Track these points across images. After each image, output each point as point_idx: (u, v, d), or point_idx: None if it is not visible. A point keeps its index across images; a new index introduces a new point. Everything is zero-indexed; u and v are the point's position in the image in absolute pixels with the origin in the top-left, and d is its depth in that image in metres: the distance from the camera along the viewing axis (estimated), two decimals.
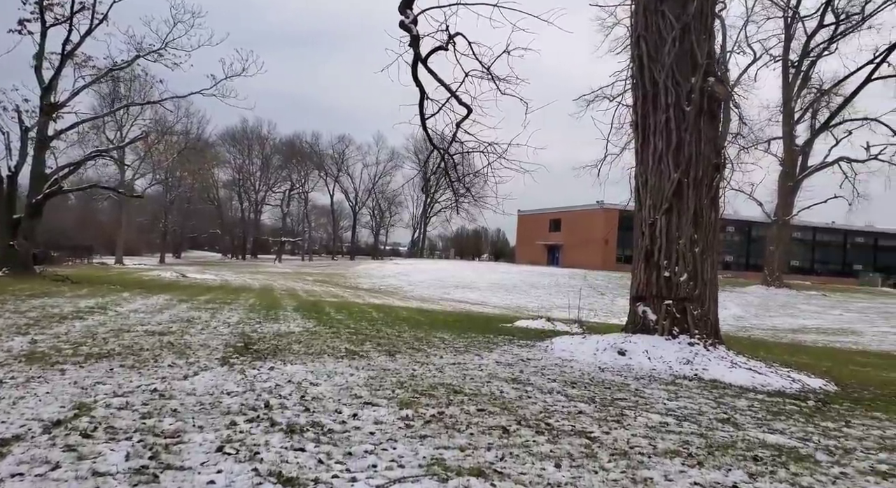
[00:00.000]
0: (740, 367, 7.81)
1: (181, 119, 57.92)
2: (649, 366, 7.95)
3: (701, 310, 8.97)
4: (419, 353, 8.29)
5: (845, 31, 42.79)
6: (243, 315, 12.55)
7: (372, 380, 6.20)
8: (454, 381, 6.40)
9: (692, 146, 9.12)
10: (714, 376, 7.42)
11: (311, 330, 10.48)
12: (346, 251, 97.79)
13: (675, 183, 9.10)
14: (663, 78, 9.26)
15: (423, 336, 10.43)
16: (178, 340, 8.29)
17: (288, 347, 8.30)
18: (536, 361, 8.15)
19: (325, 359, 7.49)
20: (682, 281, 8.96)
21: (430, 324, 13.12)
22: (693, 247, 9.07)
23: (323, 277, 44.65)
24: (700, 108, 9.15)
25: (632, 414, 5.33)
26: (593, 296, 39.06)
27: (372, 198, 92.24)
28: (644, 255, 9.33)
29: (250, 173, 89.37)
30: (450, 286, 40.42)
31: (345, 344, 8.92)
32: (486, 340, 10.25)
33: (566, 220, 65.55)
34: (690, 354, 8.23)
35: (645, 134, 9.57)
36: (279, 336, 9.44)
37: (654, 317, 9.04)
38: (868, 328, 24.21)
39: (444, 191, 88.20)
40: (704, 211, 9.19)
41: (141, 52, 23.14)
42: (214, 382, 5.73)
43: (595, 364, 8.07)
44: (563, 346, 9.18)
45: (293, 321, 11.86)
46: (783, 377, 7.60)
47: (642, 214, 9.50)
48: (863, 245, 70.60)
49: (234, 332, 9.53)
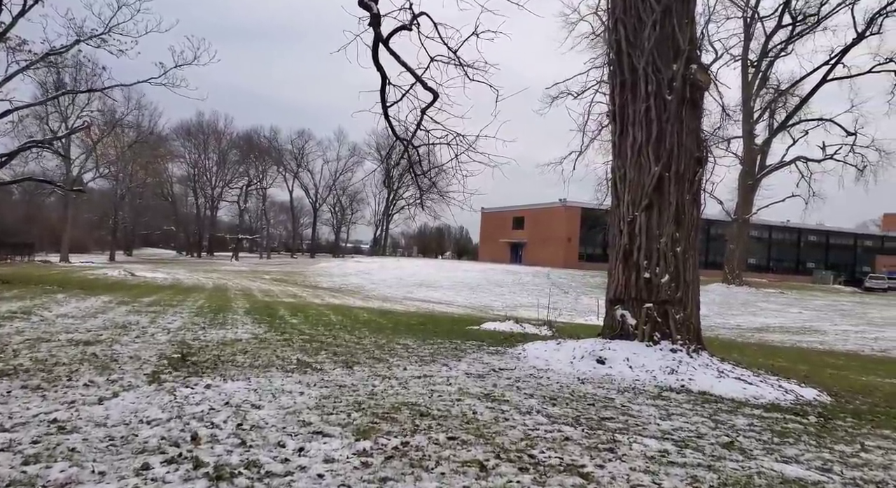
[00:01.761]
0: (728, 377, 7.24)
1: (132, 111, 55.28)
2: (631, 376, 7.30)
3: (683, 313, 8.39)
4: (380, 364, 7.47)
5: (802, 31, 43.56)
6: (188, 319, 11.50)
7: (325, 401, 5.36)
8: (420, 399, 5.61)
9: (674, 137, 8.53)
10: (702, 387, 6.81)
11: (261, 336, 9.54)
12: (307, 249, 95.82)
13: (655, 177, 8.49)
14: (643, 64, 8.64)
15: (385, 342, 9.60)
16: (104, 351, 7.27)
17: (231, 358, 7.37)
18: (510, 371, 7.42)
19: (272, 372, 6.60)
20: (663, 282, 8.36)
21: (392, 329, 12.29)
22: (675, 246, 8.48)
23: (281, 276, 43.22)
24: (682, 97, 8.56)
25: (624, 439, 4.63)
26: (557, 295, 38.73)
27: (333, 194, 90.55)
28: (622, 255, 8.70)
29: (206, 168, 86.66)
30: (412, 285, 39.58)
31: (297, 353, 8.03)
32: (454, 347, 9.49)
33: (529, 218, 65.40)
34: (674, 362, 7.63)
35: (623, 124, 8.94)
36: (223, 344, 8.48)
37: (634, 322, 8.42)
38: (829, 326, 24.39)
39: (407, 187, 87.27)
40: (686, 207, 8.61)
41: (82, 36, 21.55)
42: (135, 406, 4.80)
43: (573, 374, 7.38)
44: (536, 354, 8.48)
45: (242, 326, 10.87)
46: (774, 387, 7.05)
47: (620, 211, 8.87)
48: (815, 243, 72.56)
49: (172, 340, 8.53)
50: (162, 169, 73.82)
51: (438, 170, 10.32)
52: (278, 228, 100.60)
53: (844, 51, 42.04)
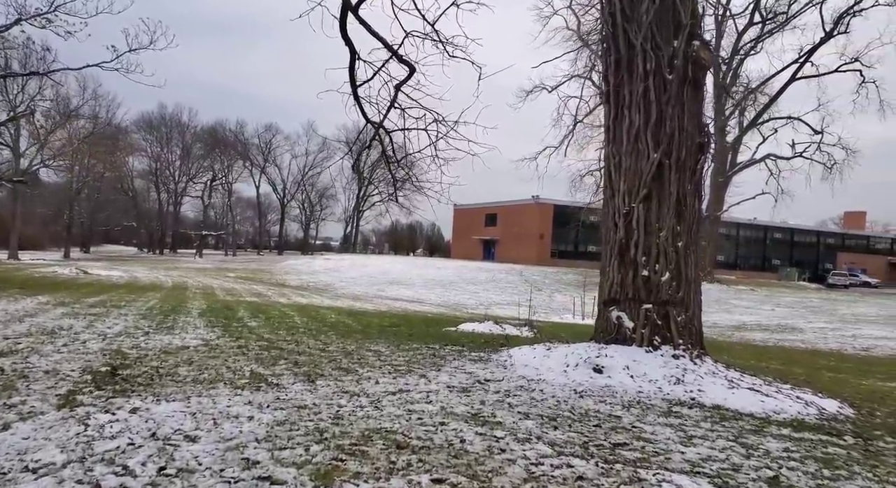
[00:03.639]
0: (740, 387, 6.45)
1: (87, 101, 52.83)
2: (634, 387, 6.46)
3: (685, 315, 7.59)
4: (348, 377, 6.48)
5: (772, 30, 43.78)
6: (132, 322, 10.30)
7: (279, 429, 4.36)
8: (396, 424, 4.65)
9: (675, 121, 7.72)
10: (715, 401, 6.00)
11: (213, 343, 8.44)
12: (274, 246, 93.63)
13: (654, 164, 7.66)
14: (640, 40, 7.80)
15: (355, 349, 8.59)
16: (15, 365, 6.12)
17: (172, 371, 6.30)
18: (497, 383, 6.50)
19: (218, 389, 5.56)
20: (663, 281, 7.55)
21: (362, 332, 11.27)
22: (676, 241, 7.67)
23: (247, 274, 41.64)
24: (684, 77, 7.75)
25: (650, 476, 3.75)
26: (530, 292, 38.13)
27: (302, 190, 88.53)
28: (618, 251, 7.86)
29: (169, 162, 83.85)
30: (384, 283, 38.49)
31: (251, 364, 6.98)
32: (432, 353, 8.53)
33: (502, 215, 64.76)
34: (678, 370, 6.82)
35: (618, 107, 8.09)
36: (166, 353, 7.38)
37: (632, 325, 7.58)
38: (804, 324, 24.15)
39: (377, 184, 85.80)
40: (688, 198, 7.81)
41: (24, 15, 19.95)
42: (26, 444, 3.74)
43: (569, 385, 6.50)
44: (524, 361, 7.58)
45: (193, 330, 9.74)
46: (792, 399, 6.28)
47: (615, 202, 8.03)
48: (781, 241, 73.56)
49: (106, 349, 7.39)
50: (122, 162, 70.93)
51: (414, 159, 9.33)
52: (245, 225, 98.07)
53: (813, 50, 42.36)
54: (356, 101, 9.19)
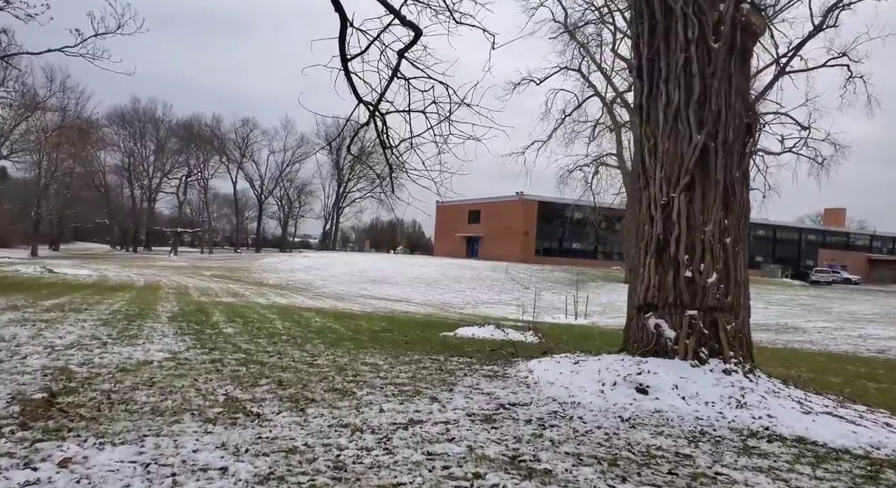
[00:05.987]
0: (814, 411, 5.42)
1: (55, 93, 50.59)
2: (689, 411, 5.39)
3: (735, 322, 6.56)
4: (345, 401, 5.31)
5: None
6: (89, 330, 9.00)
7: None
8: (417, 478, 3.51)
9: (721, 97, 6.67)
10: (795, 430, 4.95)
11: (181, 357, 7.20)
12: (252, 243, 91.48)
13: (698, 148, 6.61)
14: (681, 3, 6.73)
15: (348, 362, 7.41)
16: None
17: (128, 397, 5.08)
18: (525, 408, 5.38)
19: (183, 425, 4.37)
20: (709, 283, 6.50)
21: (353, 339, 10.09)
22: (723, 236, 6.64)
23: (223, 272, 40.04)
24: (731, 45, 6.71)
25: None
26: (518, 291, 37.14)
27: (280, 186, 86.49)
28: (655, 248, 6.79)
29: (143, 157, 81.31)
30: (366, 281, 37.22)
31: (226, 384, 5.78)
32: (437, 366, 7.38)
33: (486, 212, 63.75)
34: (735, 389, 5.78)
35: (653, 82, 7.02)
36: (123, 371, 6.14)
37: (673, 334, 6.53)
38: (804, 323, 23.46)
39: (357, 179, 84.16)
40: (736, 187, 6.78)
41: None
42: None
43: (611, 411, 5.41)
44: (549, 377, 6.48)
45: (160, 340, 8.47)
46: (879, 425, 5.28)
47: (651, 192, 6.96)
48: (763, 237, 73.64)
49: (49, 367, 6.13)
50: (92, 156, 68.47)
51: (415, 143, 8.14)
52: (221, 222, 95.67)
53: (801, 43, 41.94)
54: (347, 77, 7.99)
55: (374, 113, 8.17)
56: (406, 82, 7.53)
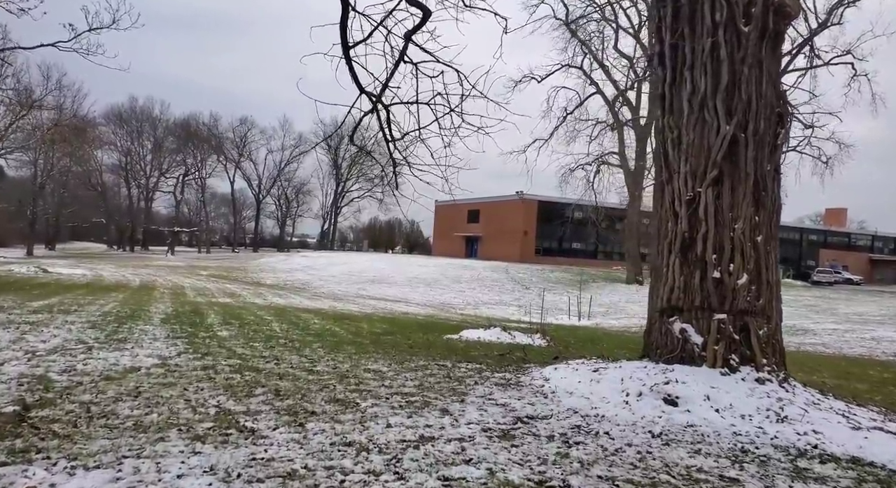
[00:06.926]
0: (862, 426, 4.96)
1: (51, 91, 49.91)
2: (725, 426, 4.92)
3: (767, 327, 6.10)
4: (348, 414, 4.84)
5: None
6: (76, 334, 8.51)
7: None
8: None
9: (751, 85, 6.21)
10: (847, 449, 4.49)
11: (172, 363, 6.72)
12: (249, 243, 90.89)
13: (727, 139, 6.15)
14: None
15: (349, 368, 6.93)
16: None
17: (109, 410, 4.61)
18: (545, 422, 4.91)
19: (169, 443, 3.90)
20: (740, 285, 6.04)
21: (354, 342, 9.61)
22: (754, 234, 6.18)
23: (220, 271, 39.52)
24: (763, 29, 6.25)
25: None
26: (518, 291, 36.68)
27: (278, 186, 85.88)
28: (679, 247, 6.33)
29: (140, 156, 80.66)
30: (365, 281, 36.73)
31: (219, 394, 5.30)
32: (444, 373, 6.91)
33: (485, 211, 63.24)
34: (772, 401, 5.31)
35: (677, 69, 6.56)
36: (107, 380, 5.66)
37: (701, 340, 6.06)
38: (812, 325, 23.03)
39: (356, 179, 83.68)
40: (767, 181, 6.32)
41: None
42: None
43: (640, 425, 4.94)
44: (567, 386, 6.01)
45: (150, 344, 7.99)
46: None
47: (674, 186, 6.49)
48: None
49: (27, 375, 5.65)
50: (89, 155, 67.81)
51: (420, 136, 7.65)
52: (219, 221, 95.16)
53: (805, 41, 41.53)
54: (348, 66, 7.51)
55: (377, 104, 7.69)
56: (414, 67, 7.05)
